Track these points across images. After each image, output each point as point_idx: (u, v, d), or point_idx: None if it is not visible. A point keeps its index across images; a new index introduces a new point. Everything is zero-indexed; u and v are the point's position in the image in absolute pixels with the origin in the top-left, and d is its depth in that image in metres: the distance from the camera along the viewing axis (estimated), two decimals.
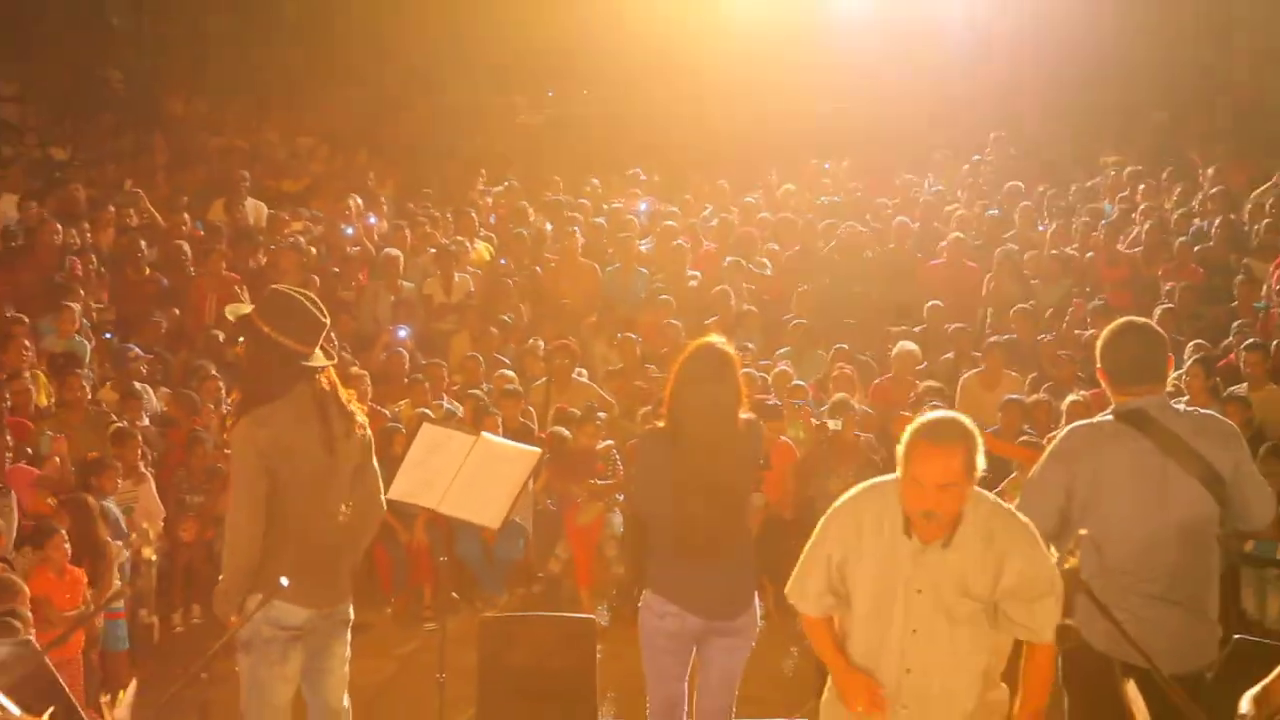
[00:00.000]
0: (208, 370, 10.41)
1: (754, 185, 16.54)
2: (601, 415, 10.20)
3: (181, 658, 7.93)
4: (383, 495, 5.49)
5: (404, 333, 11.94)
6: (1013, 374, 10.77)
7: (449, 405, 10.33)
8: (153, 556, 8.24)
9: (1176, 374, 8.97)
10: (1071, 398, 9.40)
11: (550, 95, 20.25)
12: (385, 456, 7.72)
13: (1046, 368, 10.90)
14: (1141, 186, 15.23)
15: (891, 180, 16.61)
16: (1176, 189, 15.21)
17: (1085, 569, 4.03)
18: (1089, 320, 11.66)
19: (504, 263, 13.73)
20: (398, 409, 10.30)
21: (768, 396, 10.08)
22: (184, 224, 13.69)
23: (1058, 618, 4.26)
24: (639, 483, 5.66)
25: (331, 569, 5.16)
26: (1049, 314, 12.22)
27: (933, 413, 4.38)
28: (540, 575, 9.93)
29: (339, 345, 10.78)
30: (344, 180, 16.01)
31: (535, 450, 6.87)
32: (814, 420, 10.01)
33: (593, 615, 8.09)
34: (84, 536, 7.84)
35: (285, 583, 4.45)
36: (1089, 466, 4.73)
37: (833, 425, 9.66)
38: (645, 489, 5.45)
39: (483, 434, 6.76)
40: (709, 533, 5.17)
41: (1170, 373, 4.90)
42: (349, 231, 14.19)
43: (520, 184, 16.12)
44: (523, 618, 7.44)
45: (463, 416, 9.91)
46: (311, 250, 13.39)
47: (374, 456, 5.40)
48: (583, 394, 10.75)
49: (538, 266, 13.57)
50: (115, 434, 9.03)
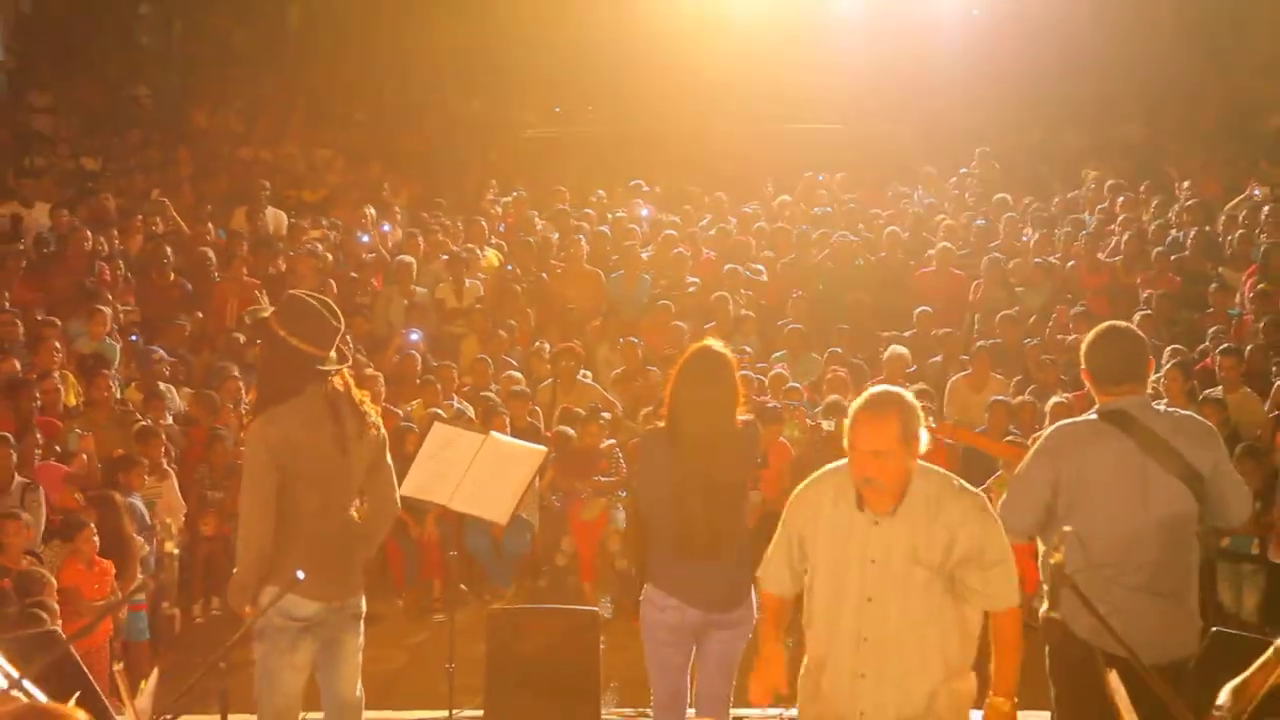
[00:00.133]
0: (229, 371, 10.38)
1: (751, 197, 16.50)
2: (605, 415, 10.16)
3: (201, 648, 7.90)
4: (397, 493, 5.43)
5: (416, 336, 11.90)
6: (999, 377, 10.73)
7: (459, 405, 10.29)
8: (175, 550, 8.21)
9: (1155, 377, 8.92)
10: (1055, 399, 9.36)
11: (557, 111, 20.22)
12: (398, 455, 7.64)
13: (1031, 371, 10.85)
14: (1120, 199, 15.19)
15: (883, 192, 16.58)
16: (1154, 201, 15.17)
17: (1070, 564, 3.99)
18: (1071, 325, 11.61)
19: (512, 269, 13.70)
20: (410, 409, 10.26)
21: (766, 399, 10.04)
22: (208, 232, 13.68)
23: (1014, 584, 4.28)
24: (640, 480, 5.62)
25: (342, 563, 5.10)
26: (1033, 320, 12.18)
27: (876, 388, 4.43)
28: (546, 569, 9.90)
29: (354, 347, 10.74)
30: (360, 191, 15.99)
31: (541, 449, 6.84)
32: (809, 421, 9.98)
33: (596, 608, 8.04)
34: (111, 532, 7.82)
35: (301, 576, 4.40)
36: (1073, 464, 4.69)
37: (826, 426, 9.61)
38: (646, 487, 5.41)
39: (491, 433, 6.73)
40: (708, 529, 5.12)
41: (1151, 375, 4.87)
42: (365, 239, 14.18)
43: (528, 194, 16.08)
44: (529, 610, 7.39)
45: (473, 416, 9.87)
46: (328, 257, 13.37)
47: (388, 455, 5.34)
48: (587, 395, 10.71)
49: (544, 273, 13.54)
50: (140, 432, 9.01)
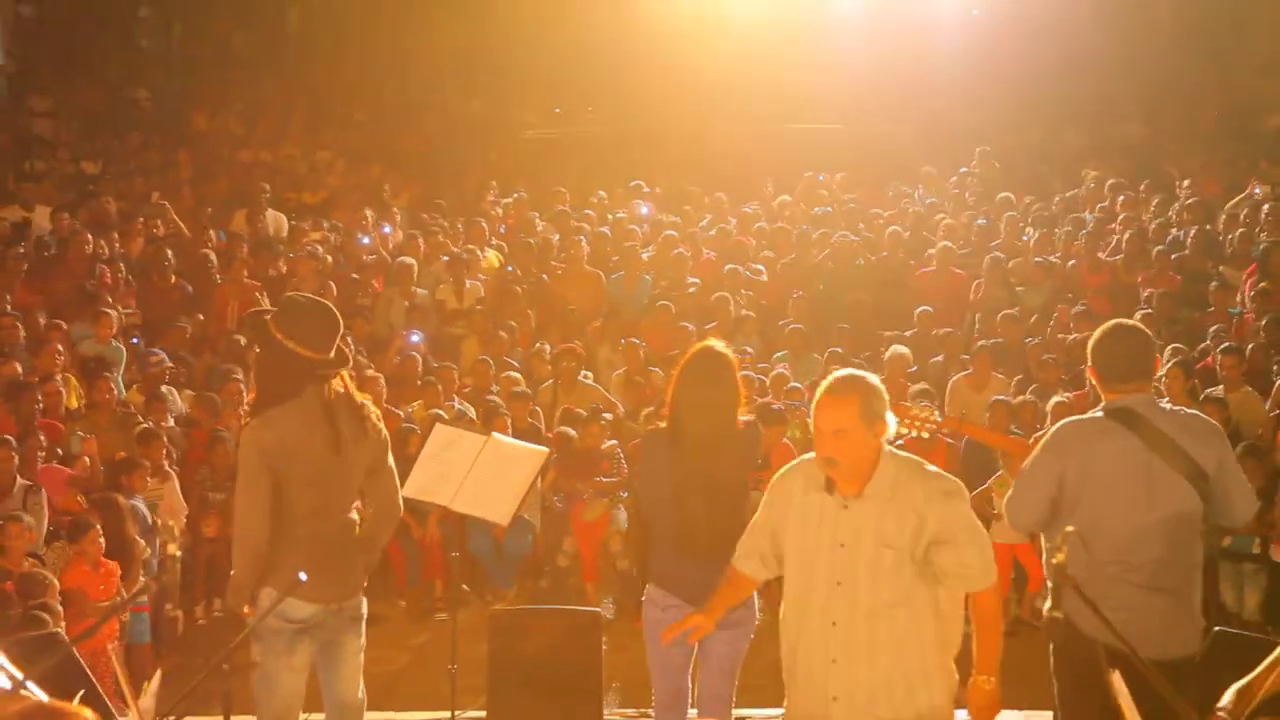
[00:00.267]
0: (231, 373, 10.38)
1: (751, 197, 16.50)
2: (607, 416, 10.15)
3: (204, 649, 7.89)
4: (399, 493, 5.42)
5: (416, 337, 11.90)
6: (999, 376, 10.72)
7: (460, 406, 10.29)
8: (177, 552, 8.18)
9: (1156, 376, 8.94)
10: (1056, 399, 9.36)
11: (557, 112, 20.22)
12: (401, 456, 7.64)
13: (1032, 370, 10.84)
14: (1121, 198, 15.18)
15: (884, 192, 16.58)
16: (1155, 200, 15.17)
17: (1073, 563, 3.99)
18: (1072, 325, 11.61)
19: (512, 270, 13.70)
20: (411, 410, 10.25)
21: (770, 399, 10.02)
22: (209, 235, 13.69)
23: (989, 564, 4.29)
24: (641, 481, 5.62)
25: (339, 566, 5.09)
26: (1033, 319, 12.17)
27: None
28: (548, 569, 9.89)
29: (355, 349, 10.74)
30: (361, 193, 16.00)
31: (543, 450, 6.83)
32: (809, 421, 9.93)
33: (598, 608, 8.03)
34: (114, 535, 7.82)
35: (304, 577, 4.41)
36: (1079, 460, 4.70)
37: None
38: (647, 487, 5.41)
39: (493, 434, 6.72)
40: (709, 529, 5.12)
41: (1158, 372, 4.87)
42: (365, 241, 14.18)
43: (529, 195, 16.09)
44: (531, 610, 7.39)
45: (474, 418, 9.86)
46: (328, 259, 13.37)
47: (390, 458, 5.33)
48: (588, 396, 10.70)
49: (545, 274, 13.54)
50: (141, 434, 9.02)
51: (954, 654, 4.38)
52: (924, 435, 5.90)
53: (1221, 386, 9.79)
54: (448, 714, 6.58)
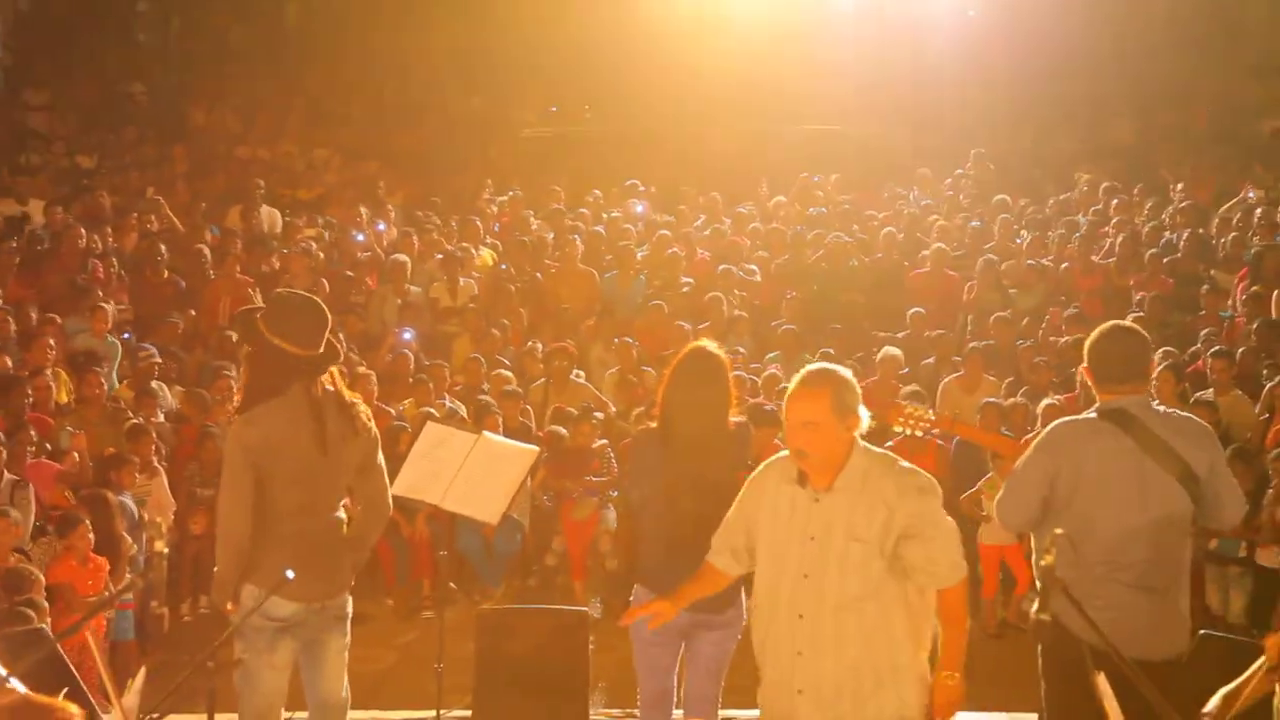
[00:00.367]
0: (222, 369, 10.34)
1: (746, 198, 16.48)
2: (598, 415, 10.13)
3: (189, 646, 7.84)
4: (389, 492, 5.39)
5: (409, 335, 11.88)
6: (991, 378, 10.71)
7: (451, 405, 10.27)
8: (164, 549, 8.18)
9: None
10: (1047, 401, 9.35)
11: (554, 111, 20.21)
12: (391, 454, 7.62)
13: (1024, 373, 10.83)
14: (1115, 201, 15.18)
15: (878, 194, 16.57)
16: (1148, 203, 15.17)
17: (1061, 565, 3.98)
18: (1064, 327, 11.61)
19: (506, 268, 13.68)
20: (402, 408, 10.23)
21: (762, 400, 9.99)
22: (204, 231, 13.67)
23: (957, 560, 4.30)
24: (632, 480, 5.61)
25: (324, 564, 5.06)
26: (1025, 322, 12.16)
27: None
28: (536, 569, 9.87)
29: (348, 346, 10.71)
30: (356, 190, 15.97)
31: (533, 449, 6.82)
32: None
33: (586, 608, 8.02)
34: (103, 531, 7.79)
35: (291, 575, 4.40)
36: (1072, 461, 4.69)
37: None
38: (638, 487, 5.39)
39: (484, 433, 6.70)
40: (699, 530, 5.08)
41: (1153, 374, 4.86)
42: (360, 238, 14.15)
43: (524, 194, 16.08)
44: (519, 610, 7.37)
45: (465, 416, 9.84)
46: (319, 255, 13.34)
47: (380, 456, 5.29)
48: (580, 395, 10.68)
49: (539, 272, 13.52)
50: (130, 430, 8.98)
51: (926, 650, 4.37)
52: (917, 434, 5.88)
53: (1212, 390, 9.80)
54: (434, 713, 6.56)
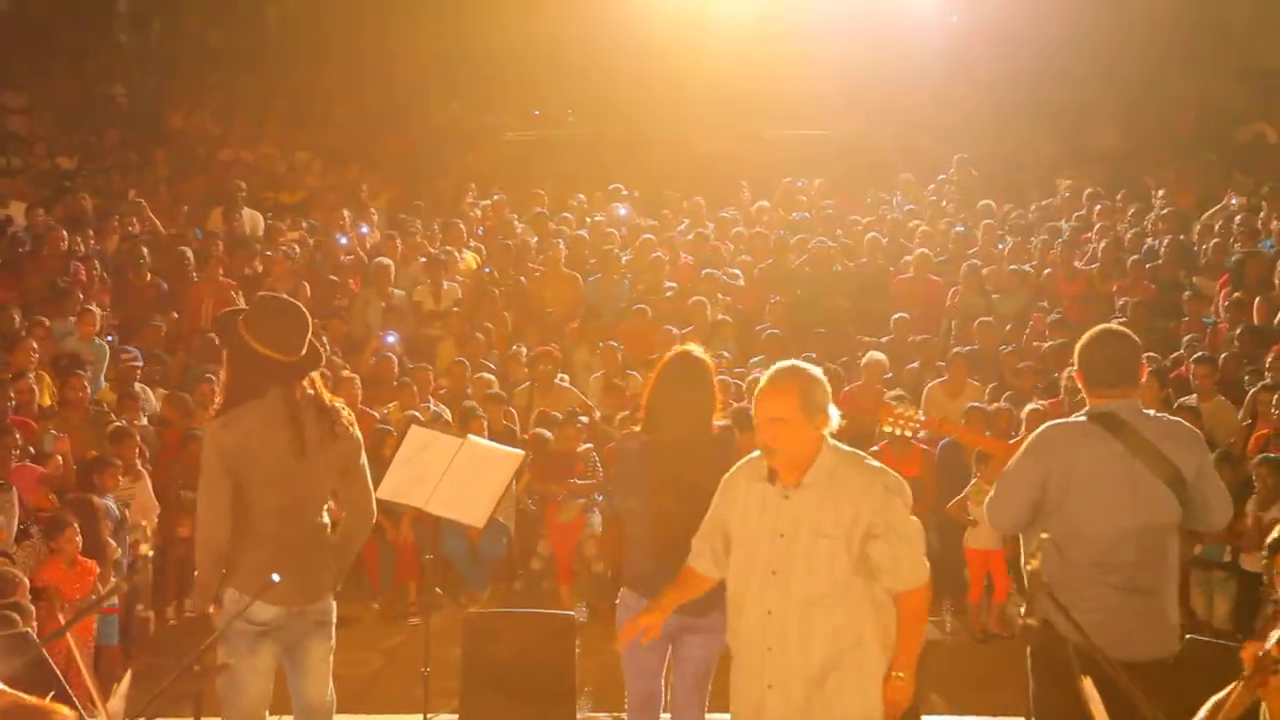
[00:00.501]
0: (205, 373, 10.31)
1: (729, 202, 16.51)
2: (583, 419, 10.14)
3: (175, 650, 7.83)
4: (373, 497, 5.38)
5: (392, 338, 11.86)
6: (975, 383, 10.75)
7: (435, 408, 10.26)
8: (149, 552, 8.14)
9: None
10: (1031, 406, 9.39)
11: (536, 115, 20.22)
12: (376, 458, 7.63)
13: (1007, 377, 10.88)
14: (1098, 207, 15.25)
15: (862, 198, 16.61)
16: (1130, 209, 15.24)
17: (1050, 565, 4.01)
18: (1047, 333, 11.66)
19: (490, 272, 13.67)
20: (387, 411, 10.22)
21: (746, 404, 10.00)
22: (187, 233, 13.64)
23: (920, 564, 4.36)
24: (616, 484, 5.62)
25: (303, 569, 5.02)
26: (1008, 327, 12.21)
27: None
28: (521, 573, 9.87)
29: (331, 349, 10.70)
30: (339, 193, 15.96)
31: (519, 452, 6.82)
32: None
33: (572, 611, 8.03)
34: (88, 536, 7.76)
35: (277, 579, 4.40)
36: (1063, 463, 4.71)
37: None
38: (622, 490, 5.40)
39: (469, 436, 6.70)
40: (683, 533, 5.10)
41: (1143, 379, 4.88)
42: (343, 241, 14.14)
43: (507, 198, 16.08)
44: (505, 614, 7.37)
45: (450, 419, 9.83)
46: (301, 258, 13.32)
47: (363, 460, 5.27)
48: (565, 398, 10.68)
49: (523, 276, 13.52)
50: (113, 433, 8.95)
51: (892, 652, 4.40)
52: (907, 434, 5.91)
53: (1195, 395, 9.85)
54: (420, 717, 6.56)
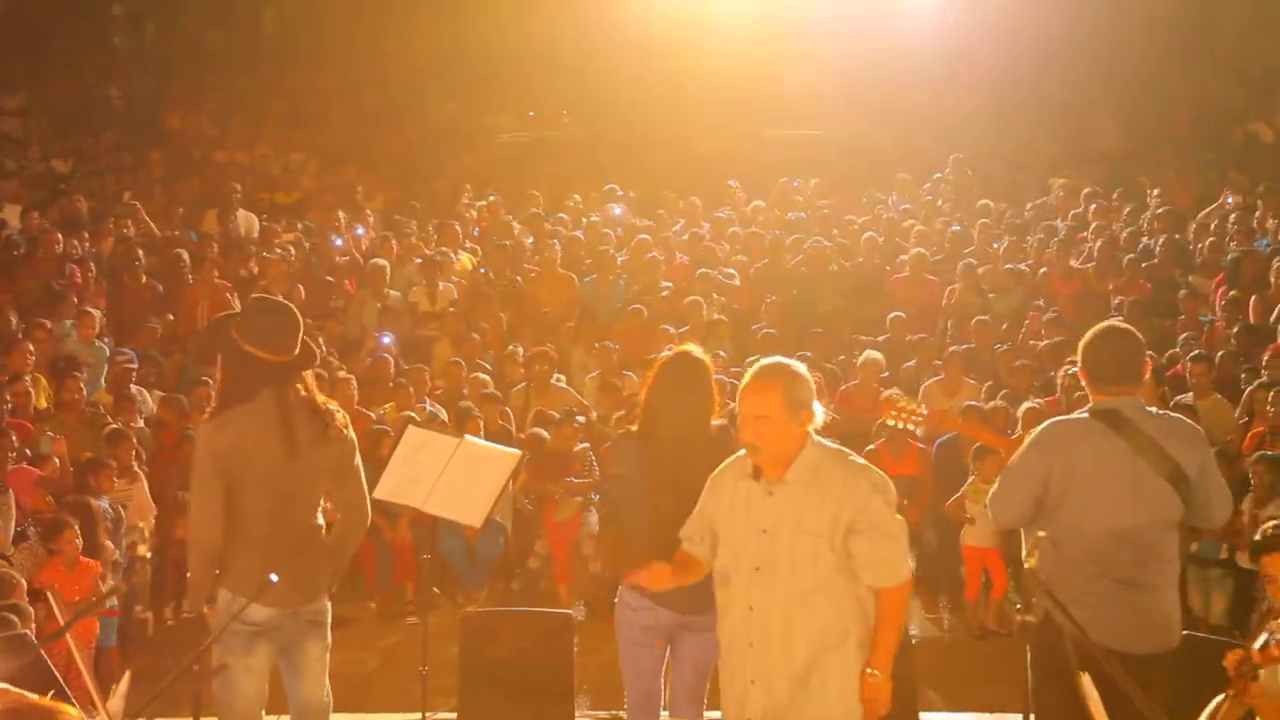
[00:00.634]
0: (201, 376, 10.31)
1: (725, 202, 16.52)
2: (579, 419, 10.15)
3: (173, 651, 7.83)
4: (367, 500, 5.38)
5: (388, 339, 11.87)
6: (971, 382, 10.76)
7: (432, 409, 10.27)
8: (147, 554, 8.17)
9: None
10: (1027, 405, 9.41)
11: (531, 116, 20.23)
12: (373, 458, 7.66)
13: (1003, 376, 10.89)
14: (1094, 206, 15.27)
15: (858, 198, 16.62)
16: (1126, 208, 15.26)
17: (1048, 561, 4.02)
18: (1043, 331, 11.68)
19: (485, 272, 13.68)
20: (383, 412, 10.23)
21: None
22: (182, 235, 13.64)
23: (901, 562, 4.37)
24: (613, 484, 5.62)
25: (297, 570, 5.01)
26: (1004, 326, 12.22)
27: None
28: (519, 572, 9.88)
29: (327, 350, 10.71)
30: (334, 194, 15.96)
31: (516, 452, 6.83)
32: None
33: (570, 610, 8.04)
34: (86, 539, 7.77)
35: (274, 578, 4.41)
36: (1065, 460, 4.73)
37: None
38: (619, 490, 5.41)
39: (465, 436, 6.71)
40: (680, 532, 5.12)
41: (1146, 376, 4.89)
42: (338, 242, 14.14)
43: (503, 199, 16.09)
44: (502, 613, 7.38)
45: (446, 420, 9.84)
46: (295, 260, 13.32)
47: (357, 461, 5.28)
48: (561, 399, 10.70)
49: (518, 277, 13.53)
50: (110, 435, 8.96)
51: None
52: (910, 427, 5.93)
53: (1191, 394, 9.87)
54: (419, 716, 6.58)
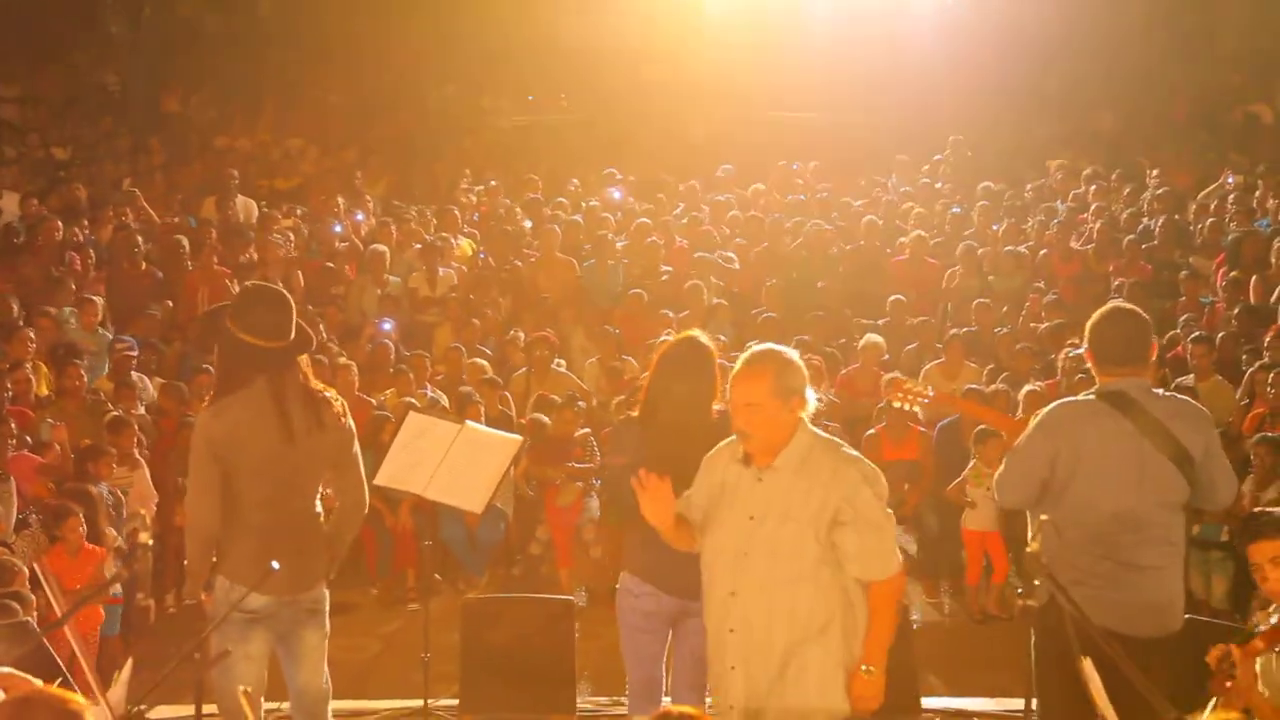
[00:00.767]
0: (204, 364, 10.29)
1: (725, 186, 16.48)
2: (580, 404, 10.14)
3: (175, 638, 7.85)
4: (365, 487, 5.38)
5: (388, 325, 11.85)
6: (972, 365, 10.75)
7: (433, 394, 10.27)
8: (149, 541, 8.14)
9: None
10: (1028, 387, 9.41)
11: (530, 100, 20.19)
12: (375, 444, 7.66)
13: (1004, 359, 10.88)
14: (1093, 187, 15.24)
15: (857, 181, 16.59)
16: (1125, 190, 15.23)
17: (1051, 544, 4.02)
18: (1044, 314, 11.66)
19: (485, 257, 13.66)
20: (384, 398, 10.23)
21: None
22: (182, 221, 13.62)
23: (890, 554, 4.37)
24: (615, 468, 5.61)
25: (293, 557, 4.98)
26: (1005, 309, 12.21)
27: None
28: (520, 558, 9.88)
29: (327, 337, 10.69)
30: (334, 179, 15.93)
31: (517, 438, 6.82)
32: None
33: (571, 596, 8.05)
34: (88, 525, 7.76)
35: (276, 566, 4.42)
36: (1071, 441, 4.73)
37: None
38: (621, 474, 5.40)
39: (466, 422, 6.70)
40: None
41: (1153, 358, 4.89)
42: (338, 228, 14.13)
43: (502, 183, 16.07)
44: (504, 599, 7.39)
45: (447, 405, 9.84)
46: (293, 246, 13.31)
47: (356, 448, 5.28)
48: (561, 384, 10.69)
49: (518, 261, 13.52)
50: (111, 422, 8.95)
51: (860, 642, 4.39)
52: (916, 409, 5.94)
53: (1192, 375, 9.86)
54: (420, 702, 6.58)
